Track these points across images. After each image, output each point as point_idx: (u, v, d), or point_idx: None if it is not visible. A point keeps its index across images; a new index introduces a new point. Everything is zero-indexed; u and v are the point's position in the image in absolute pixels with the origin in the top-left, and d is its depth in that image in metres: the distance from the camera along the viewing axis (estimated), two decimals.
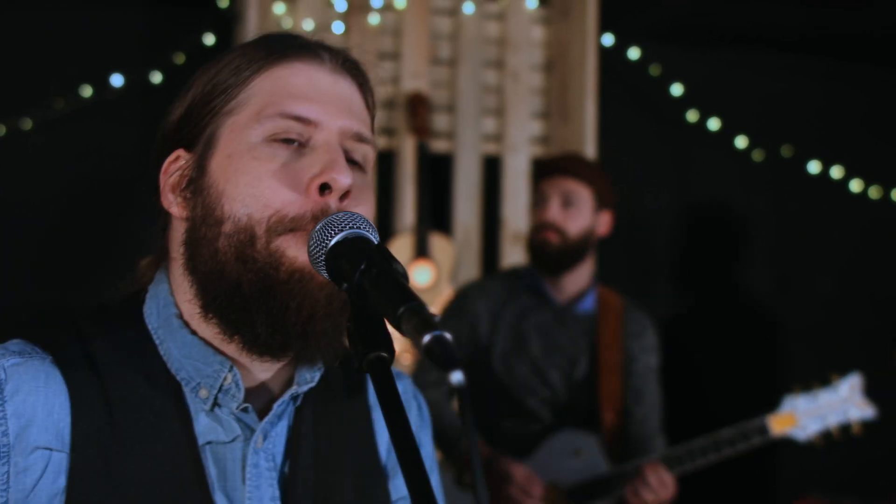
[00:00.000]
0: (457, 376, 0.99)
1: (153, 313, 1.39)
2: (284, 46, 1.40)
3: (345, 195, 1.32)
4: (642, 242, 5.27)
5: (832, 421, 3.59)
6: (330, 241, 1.23)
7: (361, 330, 1.14)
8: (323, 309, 1.30)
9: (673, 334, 5.31)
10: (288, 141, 1.34)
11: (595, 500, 3.59)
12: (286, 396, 1.38)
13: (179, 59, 4.46)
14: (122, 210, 4.52)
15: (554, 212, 3.63)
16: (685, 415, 4.73)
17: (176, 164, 1.41)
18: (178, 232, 1.39)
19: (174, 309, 1.37)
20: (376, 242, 1.24)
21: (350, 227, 1.24)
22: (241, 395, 1.34)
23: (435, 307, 4.47)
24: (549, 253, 3.64)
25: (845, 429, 3.62)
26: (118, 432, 1.30)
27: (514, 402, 3.65)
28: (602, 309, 3.77)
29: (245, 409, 1.35)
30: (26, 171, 4.39)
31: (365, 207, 1.36)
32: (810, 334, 5.34)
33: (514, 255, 4.75)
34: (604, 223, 3.72)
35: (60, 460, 1.28)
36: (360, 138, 1.38)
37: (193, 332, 1.36)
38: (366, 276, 1.17)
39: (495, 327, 3.68)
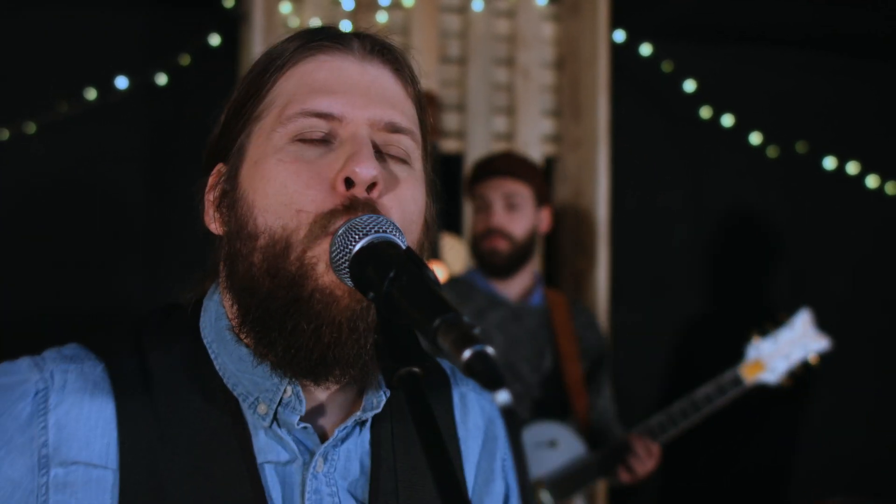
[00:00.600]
0: (503, 396, 0.91)
1: (207, 325, 1.32)
2: (310, 39, 1.32)
3: (372, 188, 1.23)
4: (655, 240, 5.21)
5: (795, 358, 3.67)
6: (354, 246, 1.16)
7: (391, 343, 1.07)
8: (346, 334, 1.21)
9: (686, 333, 5.24)
10: (313, 139, 1.26)
11: (580, 488, 3.58)
12: (349, 422, 1.30)
13: (184, 60, 4.39)
14: (126, 215, 4.48)
15: (499, 217, 3.69)
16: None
17: (215, 179, 1.34)
18: (222, 250, 1.32)
19: (225, 321, 1.30)
20: (404, 247, 1.16)
21: (375, 232, 1.16)
22: (303, 408, 1.27)
23: None
24: (500, 260, 3.72)
25: (805, 364, 3.70)
26: (171, 449, 1.22)
27: None
28: (550, 303, 3.83)
29: (305, 428, 1.27)
30: (30, 174, 4.34)
31: (400, 201, 1.27)
32: (825, 332, 5.27)
33: None
34: (545, 219, 3.80)
35: (105, 478, 1.21)
36: (393, 128, 1.29)
37: (247, 346, 1.28)
38: (395, 284, 1.09)
39: None
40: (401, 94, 1.33)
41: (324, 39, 1.32)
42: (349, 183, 1.22)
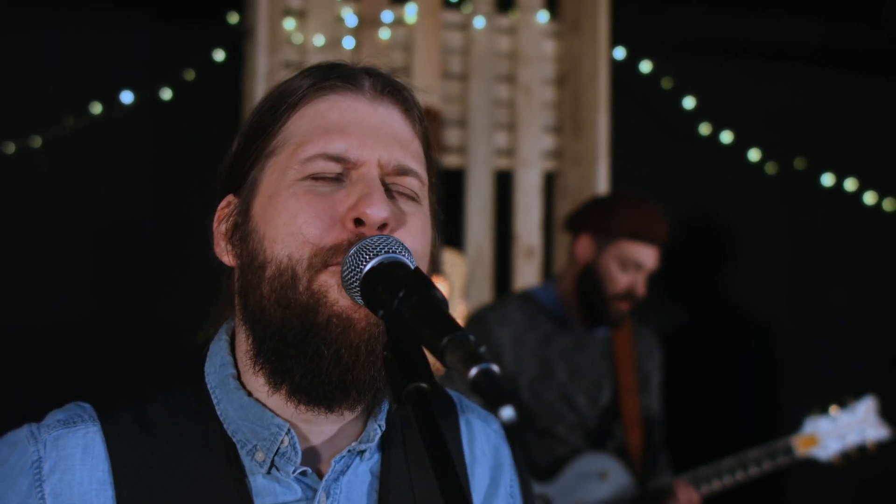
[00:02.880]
0: (507, 412, 0.95)
1: (212, 372, 1.36)
2: (322, 77, 1.36)
3: (383, 227, 1.27)
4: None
5: (851, 441, 3.76)
6: (364, 266, 1.20)
7: (399, 359, 1.10)
8: (364, 357, 1.25)
9: (685, 348, 5.27)
10: (326, 178, 1.30)
11: None
12: (344, 452, 1.33)
13: (189, 75, 4.44)
14: (132, 229, 4.51)
15: (642, 286, 3.61)
16: (698, 430, 4.70)
17: (226, 211, 1.38)
18: (235, 281, 1.36)
19: (231, 370, 1.34)
20: (413, 267, 1.20)
21: (385, 252, 1.20)
22: (298, 459, 1.30)
23: None
24: (622, 320, 3.66)
25: (861, 449, 3.79)
26: (169, 497, 1.27)
27: (543, 428, 3.62)
28: (615, 330, 3.76)
29: (304, 473, 1.31)
30: (36, 188, 4.37)
31: (411, 236, 1.31)
32: (825, 348, 5.29)
33: (527, 270, 4.71)
34: None
35: None
36: (402, 171, 1.33)
37: (250, 394, 1.32)
38: (405, 303, 1.13)
39: (519, 355, 3.63)
40: (409, 133, 1.37)
41: (336, 79, 1.36)
42: (359, 222, 1.26)
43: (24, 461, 1.28)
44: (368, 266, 1.19)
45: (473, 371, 0.99)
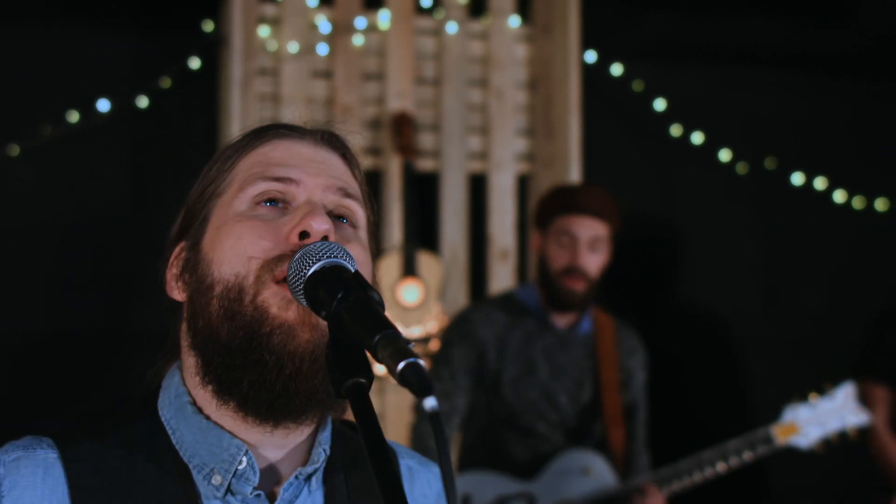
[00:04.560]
0: (430, 402, 1.02)
1: (166, 404, 1.40)
2: (265, 130, 1.45)
3: (325, 239, 1.33)
4: (627, 257, 5.29)
5: (831, 428, 3.75)
6: (308, 270, 1.26)
7: (339, 357, 1.17)
8: (307, 367, 1.30)
9: (661, 348, 5.33)
10: (272, 202, 1.37)
11: None
12: (291, 478, 1.37)
13: (165, 83, 4.48)
14: (110, 236, 4.55)
15: (585, 258, 3.62)
16: (675, 429, 4.75)
17: (177, 253, 1.44)
18: (183, 316, 1.42)
19: (187, 397, 1.38)
20: (353, 271, 1.27)
21: (328, 257, 1.26)
22: (257, 480, 1.34)
23: (425, 325, 4.50)
24: (576, 300, 3.68)
25: (842, 435, 3.78)
26: None
27: (524, 426, 3.68)
28: (598, 329, 3.82)
29: (258, 496, 1.35)
30: (13, 197, 4.41)
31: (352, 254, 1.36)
32: (797, 347, 5.36)
33: (501, 272, 4.78)
34: (610, 253, 3.76)
35: None
36: (345, 193, 1.41)
37: (207, 418, 1.37)
38: (343, 304, 1.19)
39: (503, 354, 3.69)
40: (349, 174, 1.45)
41: (279, 128, 1.45)
42: (303, 235, 1.33)
43: None
44: (311, 270, 1.25)
45: (401, 365, 1.06)
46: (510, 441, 3.68)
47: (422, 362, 1.05)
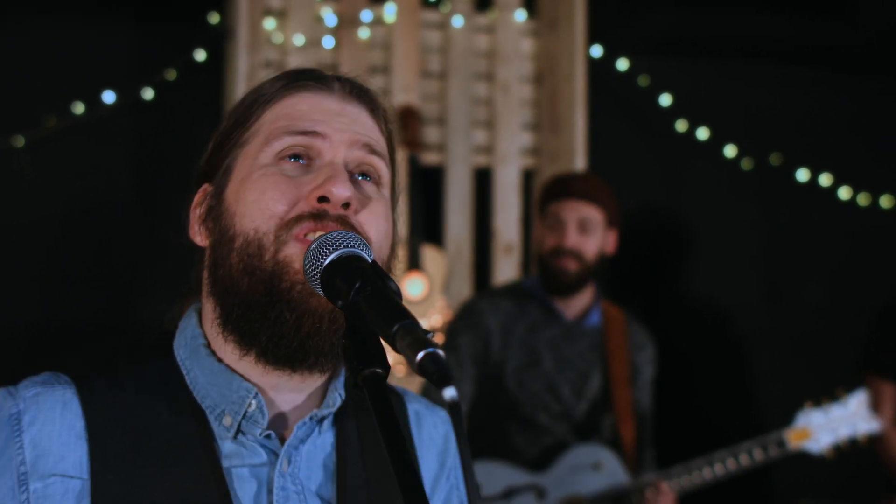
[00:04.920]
0: (450, 392, 1.01)
1: (182, 345, 1.43)
2: (295, 78, 1.45)
3: (347, 206, 1.35)
4: (632, 251, 5.29)
5: (843, 434, 3.79)
6: (324, 260, 1.26)
7: (356, 346, 1.17)
8: (326, 326, 1.32)
9: (665, 342, 5.33)
10: (296, 158, 1.38)
11: None
12: (306, 418, 1.39)
13: (171, 75, 4.48)
14: (114, 229, 4.54)
15: (572, 238, 3.66)
16: (679, 423, 4.75)
17: (201, 197, 1.46)
18: (205, 261, 1.43)
19: (202, 340, 1.41)
20: (370, 261, 1.27)
21: (345, 247, 1.26)
22: (265, 422, 1.37)
23: (429, 318, 4.50)
24: (568, 280, 3.70)
25: (853, 441, 3.82)
26: (140, 458, 1.33)
27: (526, 416, 3.68)
28: (607, 323, 3.83)
29: (268, 436, 1.37)
30: (19, 188, 4.40)
31: (375, 217, 1.39)
32: (801, 342, 5.36)
33: (506, 266, 4.77)
34: (611, 242, 3.78)
35: (80, 487, 1.31)
36: (370, 150, 1.41)
37: (220, 361, 1.39)
38: (361, 294, 1.19)
39: (507, 343, 3.70)
40: (376, 131, 1.45)
41: (308, 79, 1.44)
42: (323, 200, 1.34)
43: (2, 415, 1.34)
44: (328, 260, 1.25)
45: (420, 355, 1.06)
46: (511, 431, 3.68)
47: (441, 352, 1.05)
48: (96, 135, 4.43)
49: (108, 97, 4.40)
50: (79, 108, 4.37)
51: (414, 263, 4.55)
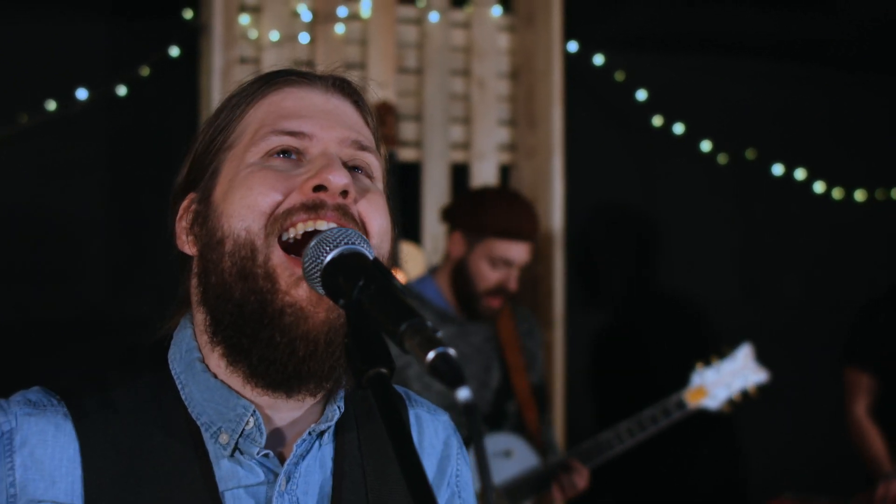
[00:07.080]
0: (464, 393, 0.99)
1: (177, 358, 1.38)
2: (275, 76, 1.41)
3: (345, 194, 1.31)
4: (608, 246, 5.30)
5: (736, 387, 3.95)
6: (325, 257, 1.23)
7: (360, 346, 1.14)
8: (322, 349, 1.28)
9: (640, 340, 5.34)
10: (286, 154, 1.34)
11: (532, 495, 3.70)
12: (305, 434, 1.35)
13: (144, 71, 4.43)
14: (88, 225, 4.50)
15: (515, 281, 3.73)
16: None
17: (187, 205, 1.41)
18: (194, 270, 1.38)
19: (197, 353, 1.36)
20: (372, 258, 1.24)
21: (345, 244, 1.23)
22: (263, 441, 1.33)
23: None
24: (495, 315, 3.79)
25: (744, 394, 3.98)
26: (134, 481, 1.29)
27: None
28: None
29: (266, 456, 1.33)
30: None
31: (374, 211, 1.36)
32: (778, 336, 5.38)
33: None
34: None
35: None
36: (360, 146, 1.38)
37: (215, 376, 1.34)
38: (364, 292, 1.16)
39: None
40: (361, 122, 1.42)
41: (289, 75, 1.41)
42: (319, 189, 1.30)
43: None
44: (329, 257, 1.22)
45: (431, 355, 1.04)
46: None
47: (452, 352, 1.02)
48: (69, 132, 4.38)
49: (82, 94, 4.35)
50: (51, 105, 4.32)
51: (394, 252, 4.52)
